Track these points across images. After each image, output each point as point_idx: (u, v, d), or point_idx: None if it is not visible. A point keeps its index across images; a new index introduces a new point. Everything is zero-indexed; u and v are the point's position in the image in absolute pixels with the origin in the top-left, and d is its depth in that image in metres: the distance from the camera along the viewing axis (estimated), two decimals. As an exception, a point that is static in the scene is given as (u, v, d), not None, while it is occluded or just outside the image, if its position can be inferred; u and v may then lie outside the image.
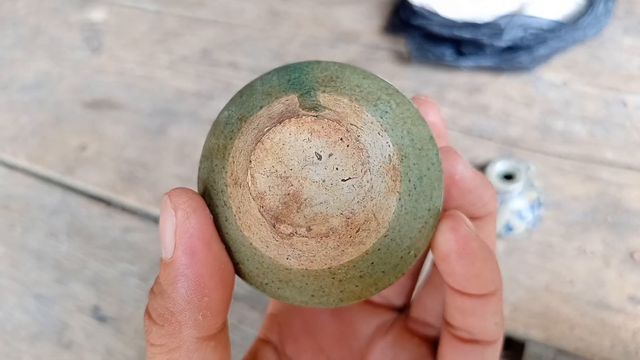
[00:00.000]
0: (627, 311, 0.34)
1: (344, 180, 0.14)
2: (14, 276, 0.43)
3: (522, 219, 0.38)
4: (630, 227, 0.37)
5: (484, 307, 0.17)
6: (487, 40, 0.48)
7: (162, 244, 0.15)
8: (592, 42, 0.50)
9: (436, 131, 0.18)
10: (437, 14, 0.51)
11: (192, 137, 0.51)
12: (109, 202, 0.47)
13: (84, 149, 0.52)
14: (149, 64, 0.60)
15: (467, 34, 0.49)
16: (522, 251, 0.37)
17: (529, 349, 0.33)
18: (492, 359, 0.18)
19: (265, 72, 0.17)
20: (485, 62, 0.49)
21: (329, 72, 0.16)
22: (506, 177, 0.39)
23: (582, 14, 0.50)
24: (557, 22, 0.50)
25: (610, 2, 0.51)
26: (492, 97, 0.48)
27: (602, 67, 0.49)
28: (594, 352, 0.32)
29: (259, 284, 0.16)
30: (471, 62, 0.49)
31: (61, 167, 0.51)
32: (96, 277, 0.42)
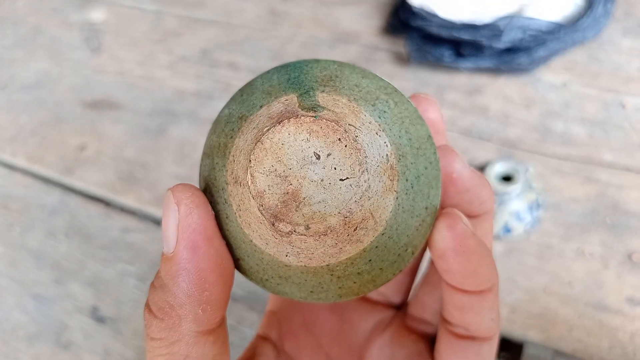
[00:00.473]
0: (625, 313, 0.34)
1: (342, 179, 0.14)
2: (12, 276, 0.43)
3: (521, 220, 0.38)
4: (629, 228, 0.37)
5: (480, 303, 0.17)
6: (486, 41, 0.48)
7: (164, 238, 0.15)
8: (591, 43, 0.50)
9: (435, 128, 0.19)
10: (436, 15, 0.51)
11: (191, 137, 0.51)
12: (108, 203, 0.47)
13: (84, 149, 0.52)
14: (149, 64, 0.61)
15: (466, 36, 0.49)
16: (520, 252, 0.37)
17: (527, 350, 0.33)
18: (489, 355, 0.18)
19: (265, 71, 0.17)
20: (484, 64, 0.49)
21: (328, 72, 0.16)
22: (505, 179, 0.39)
23: (581, 16, 0.50)
24: (556, 23, 0.50)
25: (609, 4, 0.51)
26: (491, 99, 0.48)
27: (601, 68, 0.49)
28: (592, 354, 0.32)
29: (259, 280, 0.16)
30: (470, 64, 0.49)
31: (60, 167, 0.51)
32: (95, 277, 0.42)
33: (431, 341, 0.21)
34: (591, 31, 0.50)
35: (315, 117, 0.14)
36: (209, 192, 0.16)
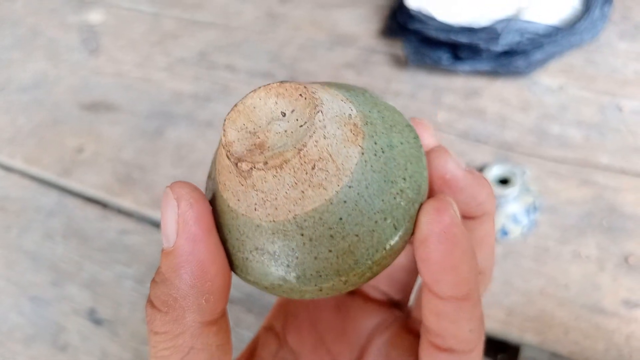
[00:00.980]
0: (621, 315, 0.34)
1: (301, 125, 0.15)
2: (9, 278, 0.43)
3: (518, 223, 0.38)
4: (625, 231, 0.38)
5: (457, 311, 0.16)
6: (483, 44, 0.49)
7: (164, 233, 0.16)
8: (588, 46, 0.51)
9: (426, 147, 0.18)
10: (433, 18, 0.51)
11: (189, 139, 0.51)
12: (105, 204, 0.47)
13: (81, 150, 0.52)
14: (147, 66, 0.61)
15: (463, 39, 0.49)
16: (517, 255, 0.37)
17: (523, 352, 0.33)
18: None
19: None
20: (481, 67, 0.49)
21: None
22: (502, 182, 0.39)
23: (578, 19, 0.50)
24: (553, 27, 0.50)
25: (606, 7, 0.51)
26: (488, 102, 0.48)
27: (598, 71, 0.49)
28: (588, 356, 0.32)
29: (242, 262, 0.16)
30: (468, 67, 0.49)
31: (58, 169, 0.51)
32: (92, 279, 0.42)
33: None
34: (588, 34, 0.50)
35: (281, 82, 0.16)
36: (213, 196, 0.17)
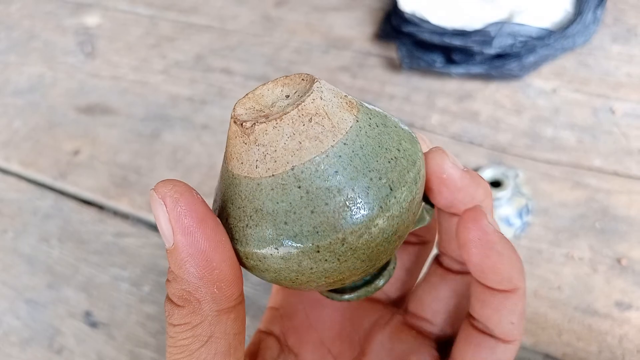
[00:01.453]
0: (614, 317, 0.34)
1: (300, 96, 0.16)
2: (5, 281, 0.43)
3: (511, 225, 0.38)
4: (617, 233, 0.38)
5: (501, 301, 0.18)
6: (477, 47, 0.49)
7: (162, 234, 0.16)
8: (581, 49, 0.51)
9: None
10: (427, 22, 0.52)
11: (185, 142, 0.51)
12: (101, 207, 0.47)
13: (77, 153, 0.53)
14: (143, 69, 0.61)
15: (457, 42, 0.50)
16: (510, 257, 0.38)
17: (517, 354, 0.33)
18: (503, 357, 0.19)
19: None
20: (475, 70, 0.49)
21: None
22: (494, 184, 0.40)
23: (571, 22, 0.50)
24: (546, 30, 0.50)
25: (598, 10, 0.51)
26: (482, 104, 0.49)
27: (590, 74, 0.49)
28: (581, 358, 0.33)
29: (241, 233, 0.16)
30: (461, 69, 0.50)
31: (54, 172, 0.51)
32: (88, 282, 0.42)
33: (430, 338, 0.21)
34: (581, 37, 0.50)
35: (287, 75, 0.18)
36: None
